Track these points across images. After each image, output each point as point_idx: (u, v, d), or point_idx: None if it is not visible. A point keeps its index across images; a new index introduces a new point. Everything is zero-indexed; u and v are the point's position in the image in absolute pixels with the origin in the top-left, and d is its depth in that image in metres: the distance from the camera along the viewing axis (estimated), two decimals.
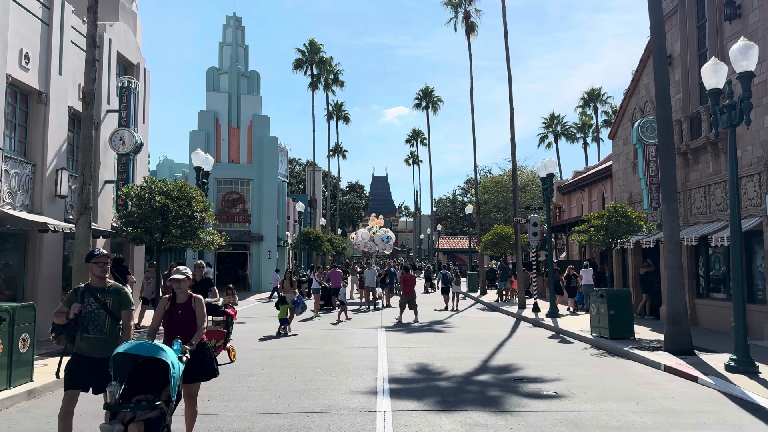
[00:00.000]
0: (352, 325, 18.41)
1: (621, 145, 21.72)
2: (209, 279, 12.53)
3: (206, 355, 6.14)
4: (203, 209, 15.82)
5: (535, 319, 19.33)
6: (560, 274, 21.40)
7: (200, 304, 6.21)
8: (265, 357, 12.20)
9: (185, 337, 5.86)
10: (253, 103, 36.68)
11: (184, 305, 6.14)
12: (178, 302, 6.17)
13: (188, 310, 6.12)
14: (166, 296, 6.24)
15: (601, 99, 63.58)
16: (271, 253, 35.71)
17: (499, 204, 61.79)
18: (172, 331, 6.02)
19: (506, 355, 12.36)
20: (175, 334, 5.88)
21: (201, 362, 6.05)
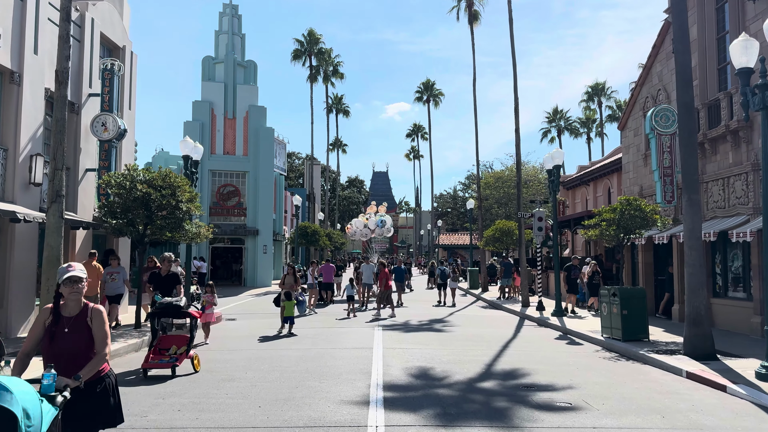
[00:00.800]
0: (348, 323, 17.46)
1: (631, 137, 20.73)
2: (176, 275, 11.50)
3: (106, 396, 4.23)
4: (189, 199, 14.85)
5: (540, 318, 18.37)
6: (578, 271, 19.76)
7: (100, 318, 4.26)
8: (250, 359, 11.25)
9: (73, 367, 4.00)
10: (250, 94, 35.65)
11: (74, 320, 4.20)
12: (65, 315, 4.21)
13: (80, 327, 4.20)
14: (47, 307, 4.28)
15: (605, 93, 62.57)
16: (266, 248, 34.74)
17: (501, 199, 60.74)
18: (53, 358, 4.08)
19: (512, 358, 11.41)
20: (59, 363, 4.00)
21: (96, 406, 4.14)
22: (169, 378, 9.27)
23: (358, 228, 33.93)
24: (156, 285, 11.15)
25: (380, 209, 35.63)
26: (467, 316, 19.91)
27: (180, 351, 9.36)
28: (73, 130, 15.53)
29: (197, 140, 33.97)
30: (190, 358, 9.57)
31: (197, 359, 9.77)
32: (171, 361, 9.07)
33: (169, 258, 11.49)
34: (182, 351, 9.39)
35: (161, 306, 9.05)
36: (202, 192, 34.07)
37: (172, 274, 11.22)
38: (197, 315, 9.71)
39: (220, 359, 11.22)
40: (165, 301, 9.05)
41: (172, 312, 9.15)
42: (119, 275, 14.56)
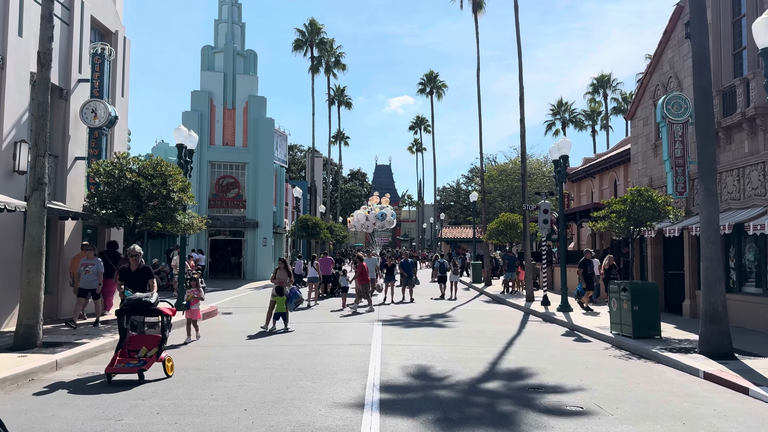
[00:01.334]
0: (347, 318, 16.90)
1: (640, 126, 20.05)
2: (148, 268, 10.55)
3: None
4: (182, 189, 14.28)
5: (546, 313, 17.78)
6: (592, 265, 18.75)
7: None
8: (242, 355, 10.68)
9: None
10: (249, 84, 35.04)
11: None
12: None
13: None
14: None
15: (611, 85, 61.72)
16: (266, 240, 34.21)
17: (504, 193, 60.08)
18: None
19: (517, 356, 10.82)
20: None
21: None
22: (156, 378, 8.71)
23: (359, 220, 33.22)
24: (126, 280, 10.26)
25: (383, 200, 34.77)
26: (470, 311, 19.33)
27: (150, 353, 8.40)
28: (61, 117, 14.96)
29: (196, 131, 33.45)
30: (161, 361, 8.58)
31: (170, 363, 8.81)
32: (139, 365, 8.16)
33: (134, 252, 10.39)
34: (153, 353, 8.41)
35: (130, 302, 8.24)
36: (201, 183, 33.55)
37: (144, 268, 10.33)
38: (170, 312, 8.73)
39: (210, 356, 10.66)
40: (134, 297, 8.26)
41: (143, 309, 8.23)
42: (94, 267, 13.45)
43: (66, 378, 8.75)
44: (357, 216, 34.02)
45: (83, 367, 9.64)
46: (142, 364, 8.23)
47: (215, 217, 33.96)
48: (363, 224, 33.27)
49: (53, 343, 10.81)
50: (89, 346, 10.76)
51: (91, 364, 9.90)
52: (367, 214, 33.02)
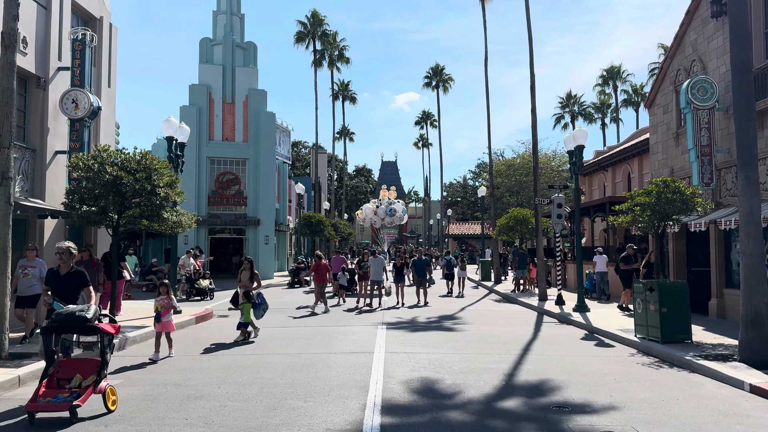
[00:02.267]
0: (349, 320, 15.83)
1: (660, 114, 18.86)
2: (81, 273, 8.21)
3: None
4: (168, 184, 13.21)
5: (561, 314, 16.66)
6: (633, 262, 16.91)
7: None
8: (230, 367, 9.63)
9: None
10: (249, 77, 33.97)
11: None
12: None
13: None
14: None
15: (621, 77, 60.40)
16: (268, 238, 33.17)
17: (513, 188, 58.83)
18: None
19: (536, 366, 9.71)
20: None
21: None
22: (98, 414, 7.66)
23: (367, 215, 31.95)
24: (53, 287, 7.94)
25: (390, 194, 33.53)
26: (480, 312, 18.24)
27: (86, 382, 6.51)
28: (39, 108, 13.95)
29: (194, 126, 32.42)
30: (100, 392, 6.64)
31: (112, 395, 6.89)
32: (70, 399, 6.24)
33: (63, 250, 8.07)
34: (90, 382, 6.51)
35: (59, 318, 6.45)
36: (201, 180, 32.55)
37: (76, 272, 8.10)
38: (112, 330, 6.90)
39: (194, 367, 9.62)
40: (65, 311, 6.54)
41: (75, 326, 6.45)
42: (35, 270, 11.28)
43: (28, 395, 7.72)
44: (365, 210, 32.77)
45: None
46: (75, 398, 6.35)
47: (215, 215, 32.98)
48: (371, 219, 31.96)
49: (21, 354, 9.79)
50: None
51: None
52: (376, 208, 31.71)
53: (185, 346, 11.73)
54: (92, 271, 12.19)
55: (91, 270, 12.10)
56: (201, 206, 32.56)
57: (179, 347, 11.55)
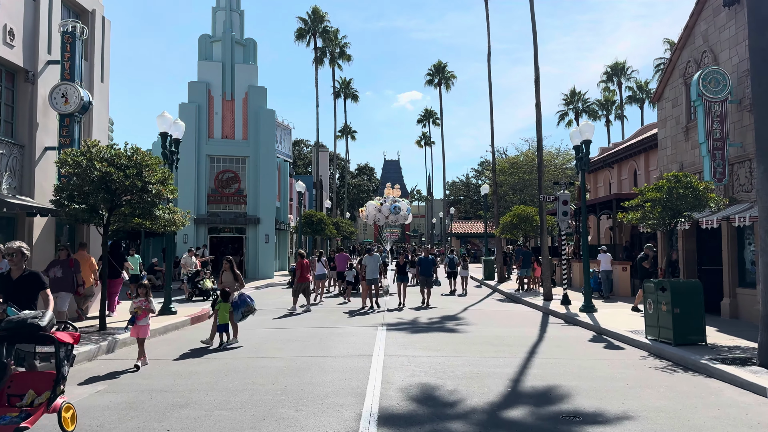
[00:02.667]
0: (349, 321, 15.34)
1: (669, 108, 18.32)
2: (36, 275, 7.09)
3: None
4: (160, 180, 12.75)
5: (567, 314, 16.15)
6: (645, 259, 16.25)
7: None
8: (220, 371, 9.16)
9: None
10: (249, 73, 33.50)
11: None
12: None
13: None
14: None
15: (625, 73, 59.76)
16: (268, 237, 32.72)
17: (516, 186, 58.32)
18: None
19: (543, 370, 9.22)
20: None
21: None
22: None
23: (370, 212, 31.40)
24: (4, 292, 7.03)
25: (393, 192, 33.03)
26: (483, 312, 17.73)
27: (40, 399, 5.69)
28: (28, 102, 13.48)
29: (193, 123, 31.98)
30: (55, 411, 5.78)
31: (69, 412, 5.96)
32: (17, 419, 5.40)
33: (16, 250, 6.96)
34: (43, 399, 5.70)
35: (9, 326, 5.72)
36: (200, 178, 32.11)
37: (30, 274, 7.03)
38: (69, 339, 6.10)
39: (183, 372, 9.15)
40: (17, 318, 5.81)
41: (27, 334, 5.76)
42: None
43: None
44: (369, 207, 32.24)
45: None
46: (23, 418, 5.46)
47: (215, 213, 32.54)
48: (374, 216, 31.40)
49: None
50: None
51: None
52: (380, 205, 31.16)
53: (177, 348, 11.27)
54: (69, 271, 11.76)
55: (68, 270, 11.68)
56: (200, 205, 32.14)
57: (172, 348, 11.11)
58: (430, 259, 19.81)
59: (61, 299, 12.13)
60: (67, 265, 12.19)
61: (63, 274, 12.49)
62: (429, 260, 19.67)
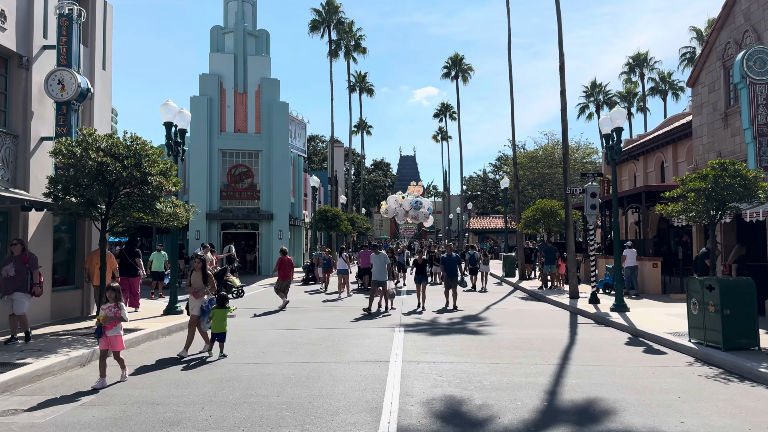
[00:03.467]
0: (364, 322, 14.41)
1: (705, 94, 17.14)
2: None
3: None
4: (162, 172, 11.91)
5: (598, 314, 15.09)
6: None
7: None
8: (221, 380, 8.28)
9: None
10: (262, 65, 32.68)
11: None
12: None
13: None
14: None
15: (648, 64, 58.14)
16: (282, 233, 31.91)
17: (535, 180, 57.01)
18: None
19: (581, 379, 8.21)
20: None
21: None
22: None
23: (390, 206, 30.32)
24: None
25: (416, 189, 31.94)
26: (507, 311, 16.72)
27: None
28: (22, 89, 12.69)
29: (205, 117, 31.25)
30: None
31: None
32: None
33: None
34: None
35: None
36: (212, 173, 31.37)
37: None
38: None
39: (180, 380, 8.28)
40: None
41: None
42: None
43: None
44: (390, 201, 31.13)
45: (9, 399, 7.34)
46: None
47: (228, 209, 31.81)
48: (394, 210, 30.16)
49: None
50: (30, 369, 8.46)
51: (23, 394, 7.60)
52: (401, 200, 29.94)
53: (178, 351, 10.41)
54: (23, 267, 10.66)
55: (22, 266, 10.64)
56: (213, 200, 31.43)
57: (172, 352, 10.25)
58: (454, 257, 17.70)
59: (18, 302, 10.51)
60: (21, 262, 10.83)
61: (16, 272, 10.62)
62: (453, 258, 17.61)
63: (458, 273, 17.46)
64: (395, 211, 29.73)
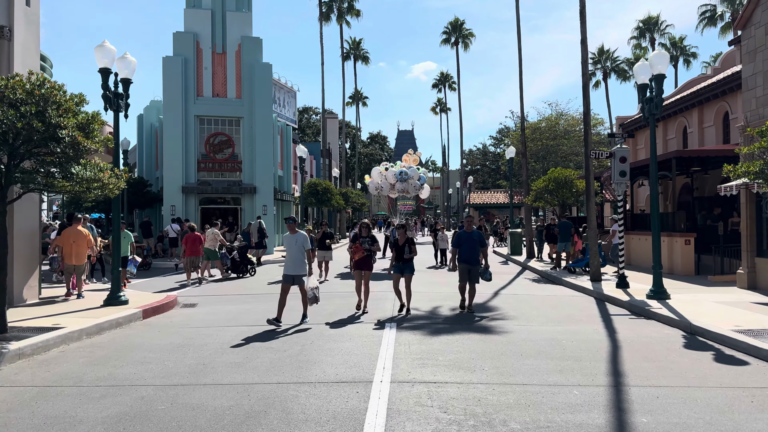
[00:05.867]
0: (349, 313, 11.69)
1: (761, 36, 14.25)
2: None
3: None
4: (80, 126, 9.11)
5: (632, 302, 12.43)
6: None
7: None
8: (118, 418, 5.57)
9: None
10: (242, 22, 29.55)
11: None
12: None
13: None
14: None
15: (659, 29, 54.85)
16: (266, 208, 29.11)
17: (538, 153, 54.17)
18: None
19: (653, 416, 5.51)
20: None
21: None
22: None
23: (374, 179, 26.36)
24: None
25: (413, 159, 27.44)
26: (520, 299, 14.05)
27: None
28: None
29: (180, 80, 28.11)
30: None
31: None
32: None
33: None
34: None
35: None
36: (188, 142, 28.45)
37: None
38: None
39: (58, 420, 5.56)
40: None
41: None
42: None
43: None
44: (373, 173, 27.12)
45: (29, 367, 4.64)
46: None
47: (206, 181, 28.97)
48: (377, 186, 26.32)
49: None
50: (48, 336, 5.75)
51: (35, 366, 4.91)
52: (385, 171, 25.92)
53: (92, 362, 7.70)
54: None
55: None
56: (189, 172, 28.59)
57: (81, 365, 7.50)
58: (476, 235, 11.78)
59: None
60: None
61: None
62: (474, 236, 11.73)
63: (480, 259, 11.78)
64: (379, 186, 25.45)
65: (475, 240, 11.76)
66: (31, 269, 12.72)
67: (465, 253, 11.72)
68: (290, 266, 10.64)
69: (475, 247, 11.73)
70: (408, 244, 11.74)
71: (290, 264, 10.65)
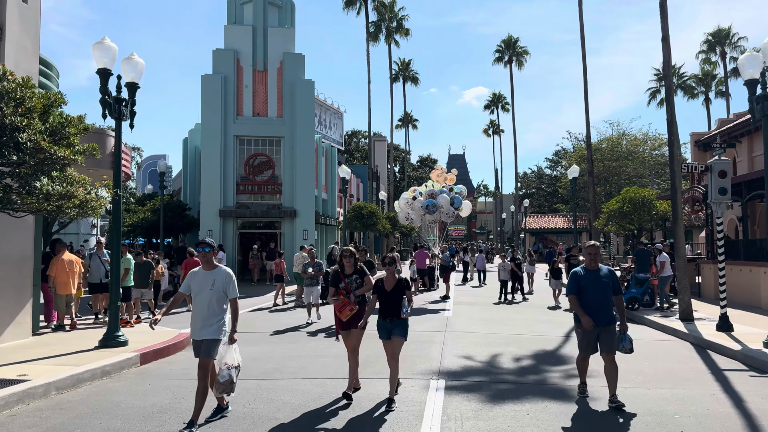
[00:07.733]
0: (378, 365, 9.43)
1: None
2: None
3: None
4: (53, 131, 7.30)
5: (745, 352, 9.75)
6: None
7: None
8: None
9: None
10: (285, 39, 28.15)
11: None
12: None
13: None
14: None
15: (730, 41, 51.07)
16: (307, 233, 27.23)
17: (600, 175, 50.79)
18: None
19: None
20: None
21: None
22: None
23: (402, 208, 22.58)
24: None
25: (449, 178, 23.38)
26: None
27: None
28: None
29: (219, 98, 26.91)
30: None
31: None
32: None
33: None
34: None
35: None
36: (227, 164, 26.95)
37: None
38: None
39: None
40: None
41: None
42: None
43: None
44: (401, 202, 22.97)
45: None
46: None
47: (245, 204, 27.38)
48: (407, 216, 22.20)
49: None
50: None
51: None
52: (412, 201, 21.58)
53: None
54: None
55: None
56: (228, 195, 27.08)
57: None
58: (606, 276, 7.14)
59: None
60: None
61: None
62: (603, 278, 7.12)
63: (613, 314, 7.20)
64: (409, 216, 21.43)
65: (606, 283, 7.09)
66: (20, 302, 10.99)
67: (593, 305, 7.06)
68: (198, 323, 6.32)
69: (607, 295, 7.10)
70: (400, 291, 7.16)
71: (198, 320, 6.32)
